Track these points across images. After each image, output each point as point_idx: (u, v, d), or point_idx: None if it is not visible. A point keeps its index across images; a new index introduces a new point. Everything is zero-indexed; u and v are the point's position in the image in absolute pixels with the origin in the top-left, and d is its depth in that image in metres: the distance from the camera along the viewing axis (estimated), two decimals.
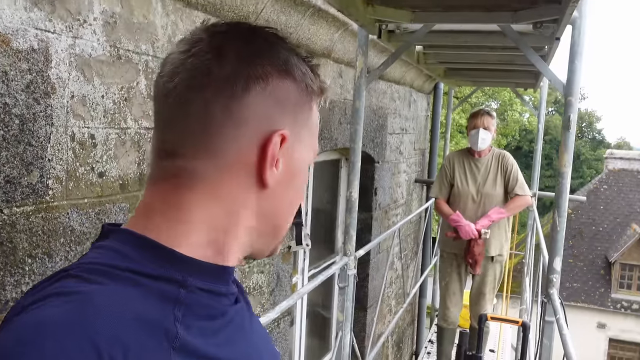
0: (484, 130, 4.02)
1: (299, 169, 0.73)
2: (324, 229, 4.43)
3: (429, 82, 6.08)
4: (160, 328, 0.58)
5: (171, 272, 0.62)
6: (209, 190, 0.67)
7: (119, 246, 0.64)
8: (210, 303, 0.66)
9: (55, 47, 1.47)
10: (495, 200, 4.11)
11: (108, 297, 0.57)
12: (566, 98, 2.39)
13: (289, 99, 0.69)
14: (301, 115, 0.71)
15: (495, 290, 4.42)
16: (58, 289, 0.58)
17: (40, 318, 0.54)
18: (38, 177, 1.45)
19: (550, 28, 2.44)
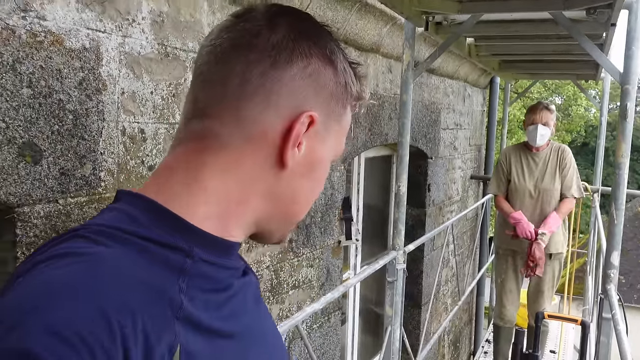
0: (542, 126, 3.89)
1: (321, 159, 0.72)
2: (377, 226, 4.43)
3: (484, 77, 5.95)
4: (165, 296, 0.57)
5: (178, 241, 0.61)
6: (230, 159, 0.66)
7: (129, 209, 0.63)
8: (215, 275, 0.65)
9: (105, 46, 1.54)
10: (554, 196, 3.98)
11: (115, 261, 0.56)
12: (622, 86, 2.30)
13: (326, 87, 0.69)
14: (335, 108, 0.71)
15: (554, 288, 4.29)
16: (65, 249, 0.57)
17: (46, 279, 0.53)
18: (91, 169, 1.52)
19: (605, 14, 2.34)
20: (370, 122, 3.33)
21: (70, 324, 0.49)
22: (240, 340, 0.67)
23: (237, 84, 0.65)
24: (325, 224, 2.94)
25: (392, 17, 3.13)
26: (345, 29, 2.82)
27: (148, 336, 0.53)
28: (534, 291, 4.26)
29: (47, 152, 1.39)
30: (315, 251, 2.86)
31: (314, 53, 0.67)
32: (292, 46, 0.66)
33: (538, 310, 4.20)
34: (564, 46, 3.59)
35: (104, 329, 0.49)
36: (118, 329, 0.50)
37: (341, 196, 3.11)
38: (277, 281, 2.55)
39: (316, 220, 2.85)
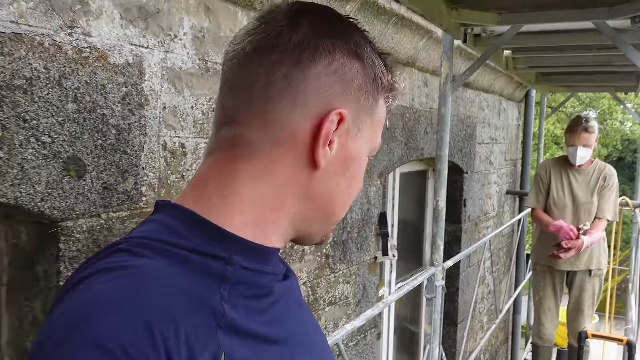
0: (582, 148, 3.80)
1: (356, 156, 0.70)
2: (412, 242, 4.36)
3: (519, 90, 5.86)
4: (208, 305, 0.58)
5: (218, 250, 0.62)
6: (262, 165, 0.66)
7: (168, 221, 0.64)
8: (256, 282, 0.65)
9: (148, 62, 1.55)
10: (592, 213, 3.88)
11: (158, 273, 0.57)
12: None
13: (354, 82, 0.67)
14: (366, 102, 0.69)
15: (594, 306, 4.16)
16: (109, 264, 0.58)
17: (92, 295, 0.54)
18: (133, 184, 1.52)
19: None
20: (406, 137, 3.29)
21: (114, 337, 0.50)
22: (285, 346, 0.67)
23: (261, 87, 0.65)
24: (362, 239, 2.90)
25: (428, 31, 3.10)
26: (382, 43, 2.80)
27: (192, 347, 0.53)
28: (573, 309, 4.14)
29: (91, 167, 1.40)
30: (352, 267, 2.82)
31: (338, 48, 0.66)
32: (314, 44, 0.65)
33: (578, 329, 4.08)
34: (604, 57, 3.51)
35: (147, 341, 0.50)
36: (161, 340, 0.51)
37: (378, 211, 3.07)
38: (314, 297, 2.52)
39: (353, 236, 2.81)
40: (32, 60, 1.23)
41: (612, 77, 4.54)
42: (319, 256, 2.53)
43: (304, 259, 2.40)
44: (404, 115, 3.23)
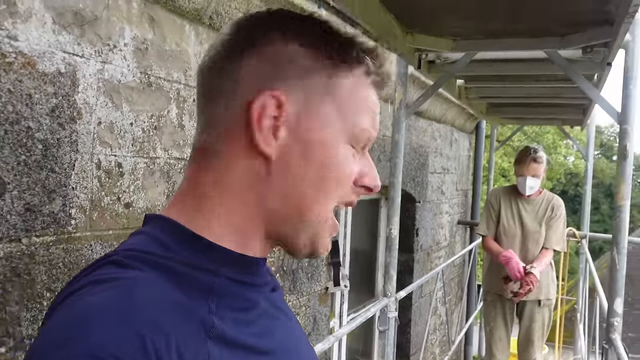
0: (531, 178, 3.84)
1: (320, 142, 0.65)
2: (364, 271, 4.28)
3: (470, 121, 5.95)
4: (196, 317, 0.58)
5: (204, 262, 0.62)
6: (221, 168, 0.65)
7: (156, 233, 0.64)
8: (243, 294, 0.65)
9: (83, 72, 1.42)
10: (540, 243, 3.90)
11: (147, 284, 0.57)
12: (621, 126, 2.23)
13: (294, 62, 0.64)
14: (316, 81, 0.65)
15: (544, 337, 4.16)
16: (99, 276, 0.58)
17: (84, 306, 0.54)
18: (60, 205, 1.38)
19: (600, 53, 2.30)
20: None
21: (106, 347, 0.50)
22: (274, 357, 0.67)
23: (208, 91, 0.67)
24: (312, 269, 2.79)
25: None
26: None
27: (182, 356, 0.54)
28: (523, 340, 4.12)
29: (12, 185, 1.25)
30: (301, 298, 2.70)
31: (274, 37, 0.65)
32: (249, 36, 0.65)
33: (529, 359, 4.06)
34: (554, 89, 3.57)
35: (138, 349, 0.51)
36: (153, 349, 0.51)
37: None
38: None
39: (303, 265, 2.70)
40: None
41: (560, 110, 4.64)
42: None
43: None
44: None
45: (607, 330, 2.30)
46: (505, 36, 2.29)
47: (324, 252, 0.69)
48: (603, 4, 1.81)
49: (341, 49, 0.66)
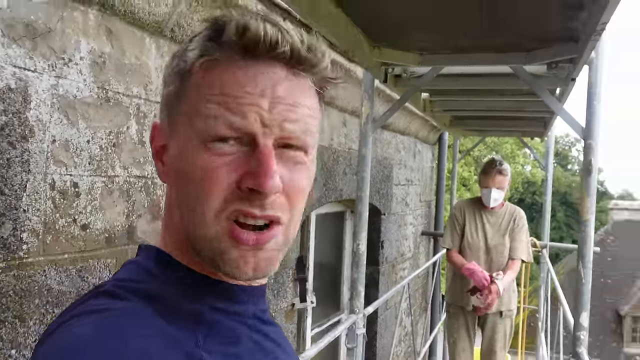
0: (495, 190, 3.88)
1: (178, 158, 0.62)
2: (328, 285, 4.22)
3: (433, 133, 5.98)
4: (184, 348, 0.57)
5: (189, 292, 0.62)
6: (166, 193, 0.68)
7: (144, 262, 0.65)
8: (230, 325, 0.63)
9: (35, 87, 1.34)
10: (505, 254, 3.93)
11: (136, 315, 0.56)
12: (585, 141, 2.25)
13: (165, 87, 0.66)
14: (171, 99, 0.64)
15: (506, 347, 4.20)
16: (89, 307, 0.58)
17: (72, 336, 0.54)
18: (10, 229, 1.28)
19: (565, 69, 2.32)
20: (325, 177, 3.19)
21: None
22: None
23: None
24: (278, 285, 2.73)
25: (347, 70, 3.05)
26: None
27: None
28: (486, 351, 4.16)
29: None
30: None
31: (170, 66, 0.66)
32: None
33: None
34: (518, 103, 3.60)
35: None
36: None
37: (295, 255, 2.91)
38: None
39: (269, 282, 2.63)
40: None
41: (522, 123, 4.71)
42: None
43: None
44: (322, 155, 3.13)
45: (574, 344, 2.31)
46: (471, 51, 2.29)
47: (238, 270, 0.60)
48: (569, 21, 1.82)
49: (183, 54, 0.63)
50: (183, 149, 0.61)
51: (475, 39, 2.14)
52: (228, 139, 0.58)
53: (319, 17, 1.75)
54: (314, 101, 0.63)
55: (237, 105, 0.58)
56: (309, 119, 0.61)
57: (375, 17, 1.98)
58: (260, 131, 0.58)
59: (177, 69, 0.63)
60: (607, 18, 1.50)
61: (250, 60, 0.59)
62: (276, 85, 0.59)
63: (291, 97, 0.60)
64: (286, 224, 0.61)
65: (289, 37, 0.59)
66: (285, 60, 0.59)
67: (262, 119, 0.58)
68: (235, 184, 0.58)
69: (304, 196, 0.64)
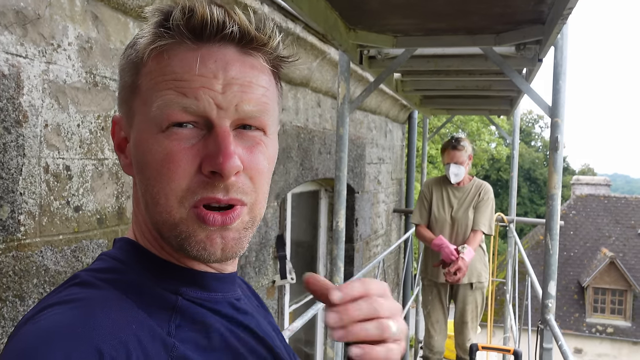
0: (455, 165, 4.00)
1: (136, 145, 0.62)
2: (306, 262, 4.31)
3: (403, 112, 6.09)
4: (158, 335, 0.57)
5: (164, 281, 0.62)
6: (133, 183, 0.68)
7: (118, 253, 0.65)
8: (203, 314, 0.63)
9: (27, 73, 1.37)
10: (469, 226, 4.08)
11: (108, 301, 0.57)
12: (552, 119, 2.36)
13: (122, 78, 0.65)
14: (126, 88, 0.64)
15: (478, 318, 4.35)
16: (63, 297, 0.58)
17: (45, 326, 0.53)
18: (8, 212, 1.32)
19: (532, 50, 2.42)
20: (301, 157, 3.26)
21: None
22: None
23: None
24: (259, 263, 2.80)
25: (322, 52, 3.10)
26: None
27: None
28: (458, 322, 4.31)
29: None
30: None
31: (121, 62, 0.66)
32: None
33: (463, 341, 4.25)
34: (486, 82, 3.72)
35: None
36: None
37: (275, 234, 2.99)
38: None
39: (251, 259, 2.71)
40: None
41: (489, 101, 4.84)
42: None
43: None
44: (298, 135, 3.19)
45: (542, 311, 2.45)
46: (444, 33, 2.37)
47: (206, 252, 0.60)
48: (537, 5, 1.91)
49: (135, 43, 0.63)
50: (142, 138, 0.61)
51: (447, 21, 2.22)
52: (184, 123, 0.58)
53: (299, 1, 1.80)
54: (269, 80, 0.63)
55: (190, 90, 0.58)
56: (264, 99, 0.61)
57: (352, 1, 2.04)
58: (215, 113, 0.58)
59: (129, 58, 0.63)
60: (573, 3, 1.59)
61: (200, 43, 0.59)
62: (228, 66, 0.59)
63: (244, 77, 0.60)
64: (251, 203, 0.62)
65: (236, 17, 0.59)
66: (234, 41, 0.60)
67: (216, 100, 0.58)
68: (196, 169, 0.58)
69: (267, 175, 0.64)
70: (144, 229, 0.65)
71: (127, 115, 0.64)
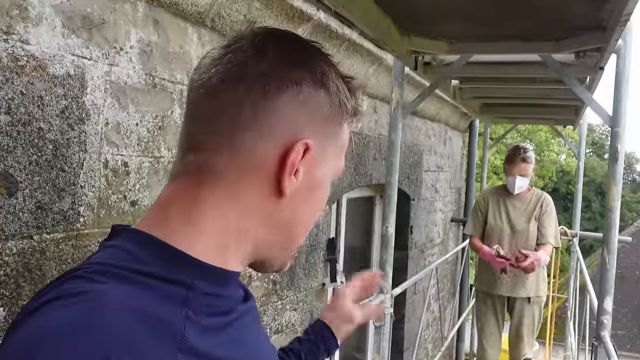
0: (520, 177, 3.92)
1: (320, 183, 0.72)
2: (358, 268, 4.33)
3: (464, 120, 6.01)
4: (167, 330, 0.57)
5: (178, 274, 0.61)
6: (227, 190, 0.66)
7: (127, 245, 0.63)
8: (216, 306, 0.65)
9: (91, 74, 1.46)
10: (530, 238, 3.97)
11: (115, 298, 0.55)
12: (612, 129, 2.29)
13: (320, 110, 0.68)
14: (331, 130, 0.70)
15: (534, 333, 4.23)
16: (65, 291, 0.56)
17: (48, 322, 0.53)
18: (70, 203, 1.42)
19: (593, 57, 2.36)
20: (355, 163, 3.28)
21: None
22: None
23: (229, 117, 0.66)
24: (309, 265, 2.84)
25: (378, 58, 3.12)
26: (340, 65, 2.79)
27: None
28: (513, 336, 4.21)
29: (24, 184, 1.29)
30: (299, 294, 2.75)
31: (304, 78, 0.66)
32: (280, 74, 0.66)
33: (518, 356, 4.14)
34: (547, 90, 3.62)
35: None
36: None
37: (326, 237, 3.02)
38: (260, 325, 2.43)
39: (301, 261, 2.75)
40: None
41: (552, 110, 4.70)
42: (266, 282, 2.45)
43: (250, 284, 2.32)
44: (353, 140, 3.23)
45: (597, 328, 2.36)
46: (500, 40, 2.34)
47: (286, 268, 0.76)
48: (596, 11, 1.86)
49: (349, 98, 0.72)
50: (325, 177, 0.72)
51: (503, 27, 2.19)
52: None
53: (353, 7, 1.83)
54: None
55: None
56: None
57: (406, 7, 2.05)
58: None
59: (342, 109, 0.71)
60: (630, 9, 1.55)
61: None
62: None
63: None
64: None
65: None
66: None
67: None
68: None
69: None
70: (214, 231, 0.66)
71: (319, 150, 0.69)
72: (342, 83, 0.71)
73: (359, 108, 0.74)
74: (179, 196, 0.67)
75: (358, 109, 0.74)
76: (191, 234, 0.65)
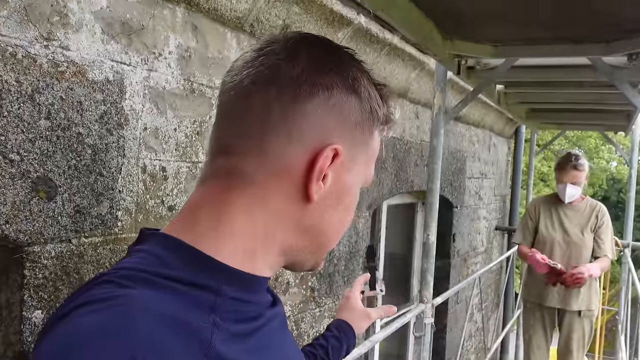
0: (571, 185, 3.76)
1: (348, 189, 0.71)
2: (399, 276, 4.26)
3: (509, 126, 5.86)
4: (194, 337, 0.57)
5: (206, 279, 0.61)
6: (256, 195, 0.66)
7: (156, 250, 0.63)
8: (243, 312, 0.64)
9: (130, 79, 1.47)
10: (584, 249, 3.81)
11: (144, 304, 0.56)
12: None
13: (350, 116, 0.68)
14: (361, 136, 0.70)
15: (584, 348, 4.06)
16: (94, 296, 0.57)
17: (78, 327, 0.53)
18: (108, 208, 1.43)
19: None
20: (396, 169, 3.23)
21: None
22: None
23: (259, 119, 0.65)
24: (348, 272, 2.81)
25: (420, 62, 3.07)
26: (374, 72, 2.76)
27: None
28: (563, 350, 4.05)
29: (63, 188, 1.30)
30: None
31: (335, 83, 0.66)
32: (312, 78, 0.65)
33: None
34: (597, 95, 3.49)
35: None
36: None
37: (366, 244, 2.98)
38: (298, 332, 2.41)
39: (339, 268, 2.72)
40: (2, 72, 1.15)
41: (602, 116, 4.53)
42: (304, 289, 2.42)
43: (288, 291, 2.30)
44: (394, 146, 3.18)
45: None
46: (547, 42, 2.26)
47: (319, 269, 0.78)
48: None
49: (380, 105, 0.71)
50: (354, 184, 0.72)
51: (550, 29, 2.12)
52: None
53: (393, 10, 1.80)
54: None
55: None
56: None
57: (448, 9, 2.00)
58: None
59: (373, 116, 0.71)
60: None
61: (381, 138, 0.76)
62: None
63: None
64: None
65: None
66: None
67: None
68: None
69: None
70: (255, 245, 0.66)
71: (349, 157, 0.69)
72: (375, 90, 0.70)
73: (390, 116, 0.74)
74: (208, 200, 0.67)
75: (390, 117, 0.73)
76: (219, 238, 0.64)
